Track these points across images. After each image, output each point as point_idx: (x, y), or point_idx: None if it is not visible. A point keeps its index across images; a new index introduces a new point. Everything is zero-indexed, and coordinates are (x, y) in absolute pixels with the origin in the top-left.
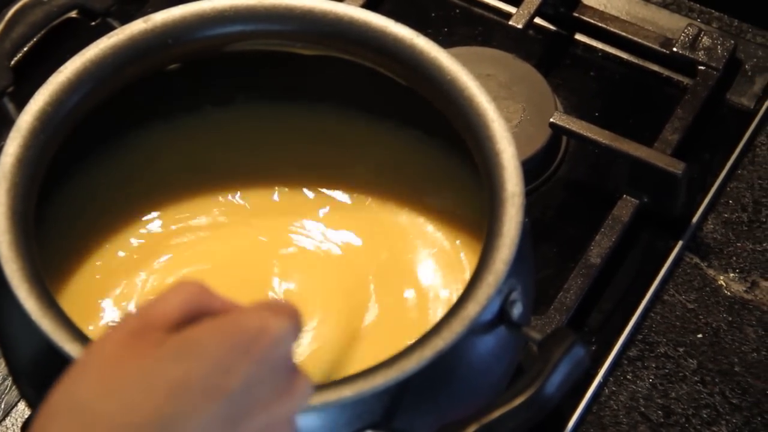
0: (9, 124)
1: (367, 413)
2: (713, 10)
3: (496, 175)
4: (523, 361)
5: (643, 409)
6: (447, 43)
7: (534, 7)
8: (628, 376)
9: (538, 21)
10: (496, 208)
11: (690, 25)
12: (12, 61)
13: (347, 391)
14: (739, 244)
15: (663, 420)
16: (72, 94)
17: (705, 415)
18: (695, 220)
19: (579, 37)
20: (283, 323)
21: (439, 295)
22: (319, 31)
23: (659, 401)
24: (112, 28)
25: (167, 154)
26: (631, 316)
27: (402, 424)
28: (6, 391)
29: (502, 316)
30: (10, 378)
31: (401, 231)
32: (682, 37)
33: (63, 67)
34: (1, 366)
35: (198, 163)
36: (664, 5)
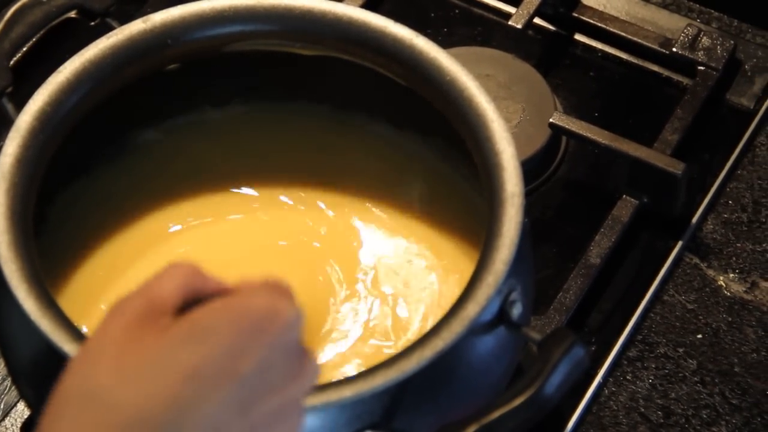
0: (8, 124)
1: (366, 413)
2: (713, 11)
3: (496, 175)
4: (523, 361)
5: (642, 410)
6: (446, 43)
7: (533, 7)
8: (628, 377)
9: (537, 21)
10: (495, 209)
11: (689, 25)
12: (11, 61)
13: (347, 392)
14: (738, 245)
15: (663, 420)
16: (71, 95)
17: (705, 416)
18: (695, 220)
19: (578, 37)
20: (292, 306)
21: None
22: (318, 31)
23: (659, 402)
24: (111, 29)
25: (166, 154)
26: (630, 317)
27: (402, 424)
28: (5, 391)
29: (501, 317)
30: (10, 378)
31: (401, 231)
32: (682, 38)
33: (62, 68)
34: (1, 366)
35: (198, 164)
36: (664, 5)
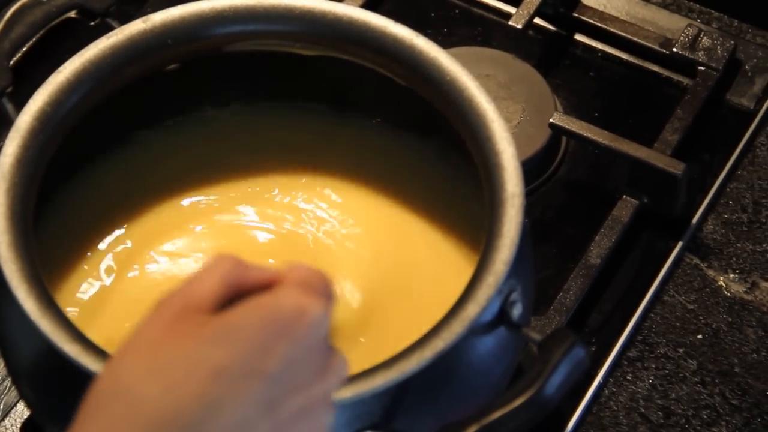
0: (8, 124)
1: (366, 414)
2: (713, 11)
3: (496, 175)
4: (523, 361)
5: (643, 410)
6: (446, 43)
7: (533, 8)
8: (628, 377)
9: (537, 21)
10: (495, 209)
11: (690, 25)
12: (11, 61)
13: (347, 392)
14: (739, 245)
15: (663, 421)
16: (71, 95)
17: (705, 416)
18: (695, 220)
19: (579, 37)
20: (319, 304)
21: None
22: (318, 31)
23: (659, 402)
24: (111, 29)
25: (166, 154)
26: (631, 317)
27: (402, 424)
28: (5, 391)
29: (502, 317)
30: (10, 378)
31: (400, 230)
32: (682, 38)
33: (62, 68)
34: (1, 366)
35: (198, 164)
36: (664, 5)
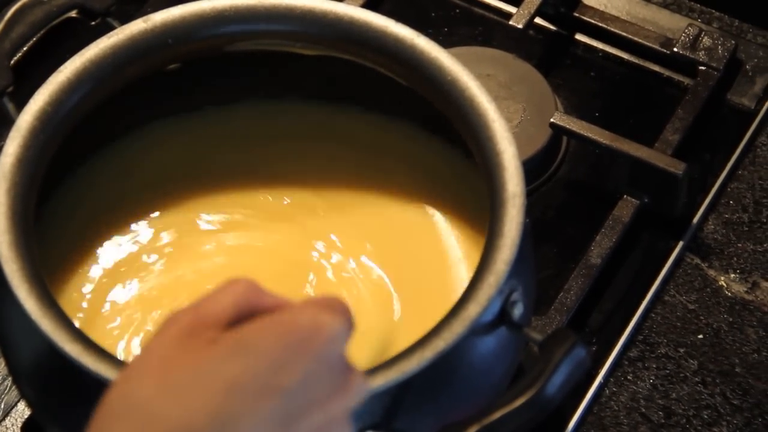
0: (9, 123)
1: (367, 414)
2: (714, 10)
3: (497, 175)
4: (524, 361)
5: (643, 410)
6: (447, 43)
7: (534, 7)
8: (629, 377)
9: (538, 21)
10: (497, 209)
11: (690, 25)
12: (12, 61)
13: None
14: (739, 245)
15: (664, 421)
16: (72, 94)
17: (706, 416)
18: (696, 220)
19: (579, 37)
20: (337, 321)
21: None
22: (319, 31)
23: (660, 402)
24: (111, 28)
25: (167, 154)
26: (631, 317)
27: (403, 424)
28: (6, 391)
29: (503, 317)
30: (10, 378)
31: (402, 231)
32: (683, 38)
33: (63, 67)
34: (1, 366)
35: (198, 163)
36: (665, 5)
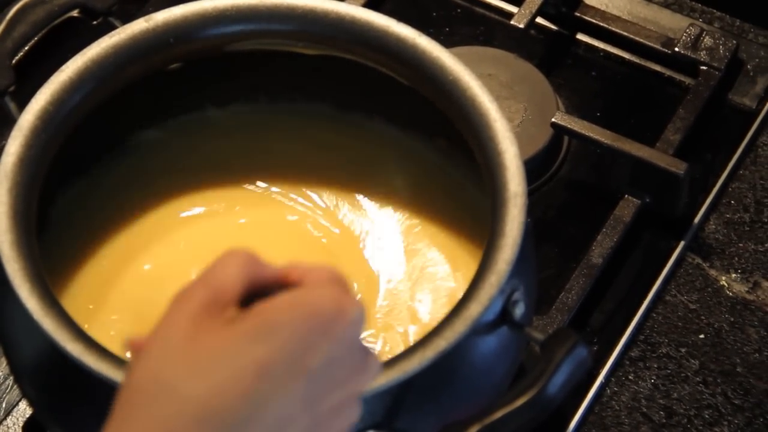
0: (11, 123)
1: (368, 413)
2: (715, 10)
3: (499, 175)
4: (526, 361)
5: (645, 410)
6: (448, 42)
7: (535, 7)
8: (630, 377)
9: (539, 21)
10: (498, 208)
11: (692, 25)
12: (13, 60)
13: None
14: (741, 245)
15: (665, 420)
16: (73, 94)
17: (707, 416)
18: (697, 220)
19: (581, 36)
20: (358, 303)
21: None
22: (320, 30)
23: (661, 402)
24: (113, 28)
25: (168, 153)
26: (632, 317)
27: (404, 424)
28: (7, 390)
29: (504, 317)
30: (12, 377)
31: (403, 230)
32: (684, 37)
33: (64, 66)
34: (3, 365)
35: (199, 163)
36: (666, 5)
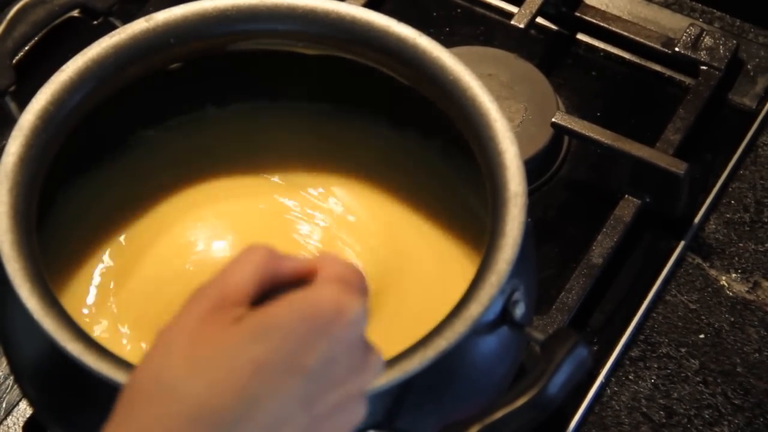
0: (11, 123)
1: (369, 413)
2: (715, 10)
3: (499, 175)
4: (526, 361)
5: (645, 410)
6: (449, 42)
7: (536, 7)
8: (630, 377)
9: (539, 21)
10: (498, 208)
11: (692, 24)
12: (14, 60)
13: None
14: (741, 245)
15: (665, 420)
16: (74, 93)
17: (707, 416)
18: (697, 220)
19: (581, 36)
20: (358, 302)
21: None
22: (321, 30)
23: (661, 401)
24: (113, 27)
25: (168, 153)
26: (633, 317)
27: (404, 424)
28: (7, 390)
29: (504, 317)
30: (12, 377)
31: (403, 230)
32: (684, 37)
33: (65, 66)
34: (3, 365)
35: (199, 163)
36: (666, 5)
